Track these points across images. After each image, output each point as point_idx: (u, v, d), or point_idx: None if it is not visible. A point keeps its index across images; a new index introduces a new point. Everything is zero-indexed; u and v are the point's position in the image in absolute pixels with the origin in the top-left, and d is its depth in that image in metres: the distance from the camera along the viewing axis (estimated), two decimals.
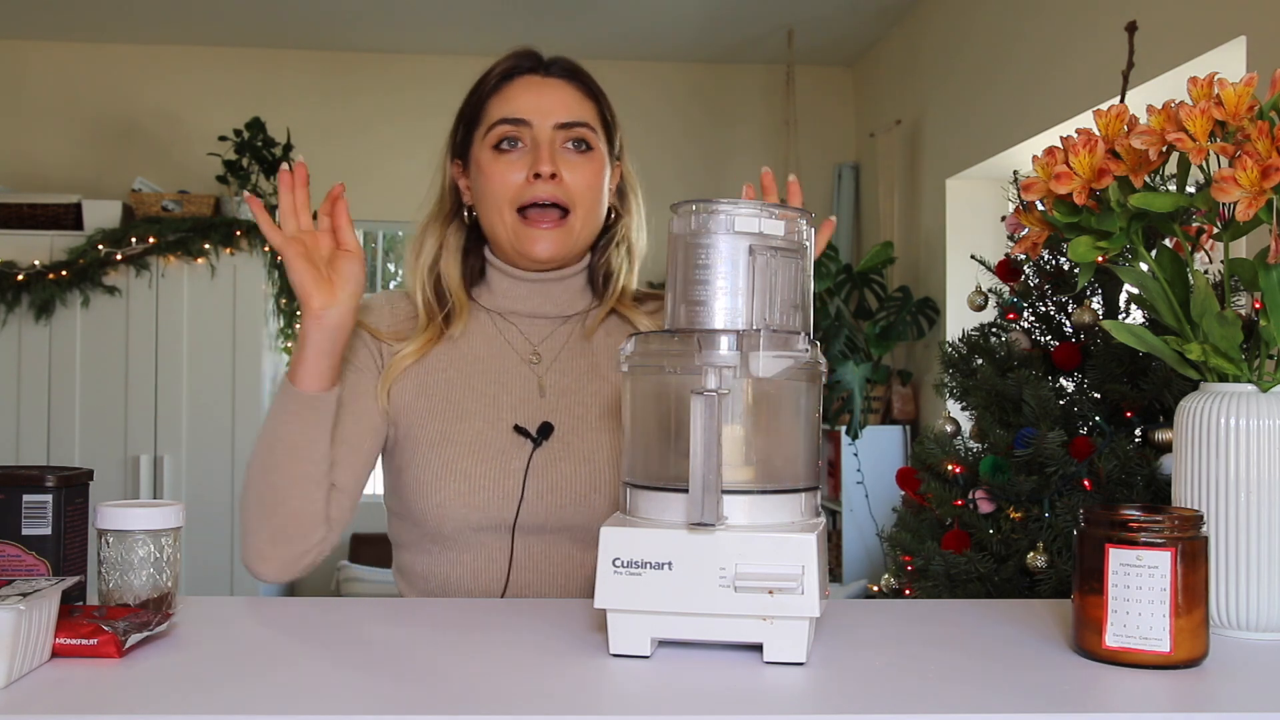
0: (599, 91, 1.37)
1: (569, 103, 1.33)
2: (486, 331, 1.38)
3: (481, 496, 1.28)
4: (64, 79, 5.13)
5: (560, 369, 1.36)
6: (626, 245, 1.41)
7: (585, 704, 0.80)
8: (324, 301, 1.19)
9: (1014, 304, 2.18)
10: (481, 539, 1.29)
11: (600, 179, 1.34)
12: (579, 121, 1.32)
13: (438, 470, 1.29)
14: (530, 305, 1.38)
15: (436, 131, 1.43)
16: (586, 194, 1.32)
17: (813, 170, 5.32)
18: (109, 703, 0.78)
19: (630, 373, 0.95)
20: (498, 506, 1.28)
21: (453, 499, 1.28)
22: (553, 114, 1.31)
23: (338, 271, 1.20)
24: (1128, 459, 1.87)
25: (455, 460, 1.29)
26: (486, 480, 1.28)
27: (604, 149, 1.35)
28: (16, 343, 4.47)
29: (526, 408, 1.33)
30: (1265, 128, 0.93)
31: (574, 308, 1.39)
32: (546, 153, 1.29)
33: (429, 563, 1.32)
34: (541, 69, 1.35)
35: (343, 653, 0.94)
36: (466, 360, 1.35)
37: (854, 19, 4.83)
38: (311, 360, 1.21)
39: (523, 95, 1.33)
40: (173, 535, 1.02)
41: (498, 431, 1.31)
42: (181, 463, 4.53)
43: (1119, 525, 0.90)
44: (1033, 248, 1.10)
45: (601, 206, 1.36)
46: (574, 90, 1.34)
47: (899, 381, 4.70)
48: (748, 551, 0.86)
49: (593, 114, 1.35)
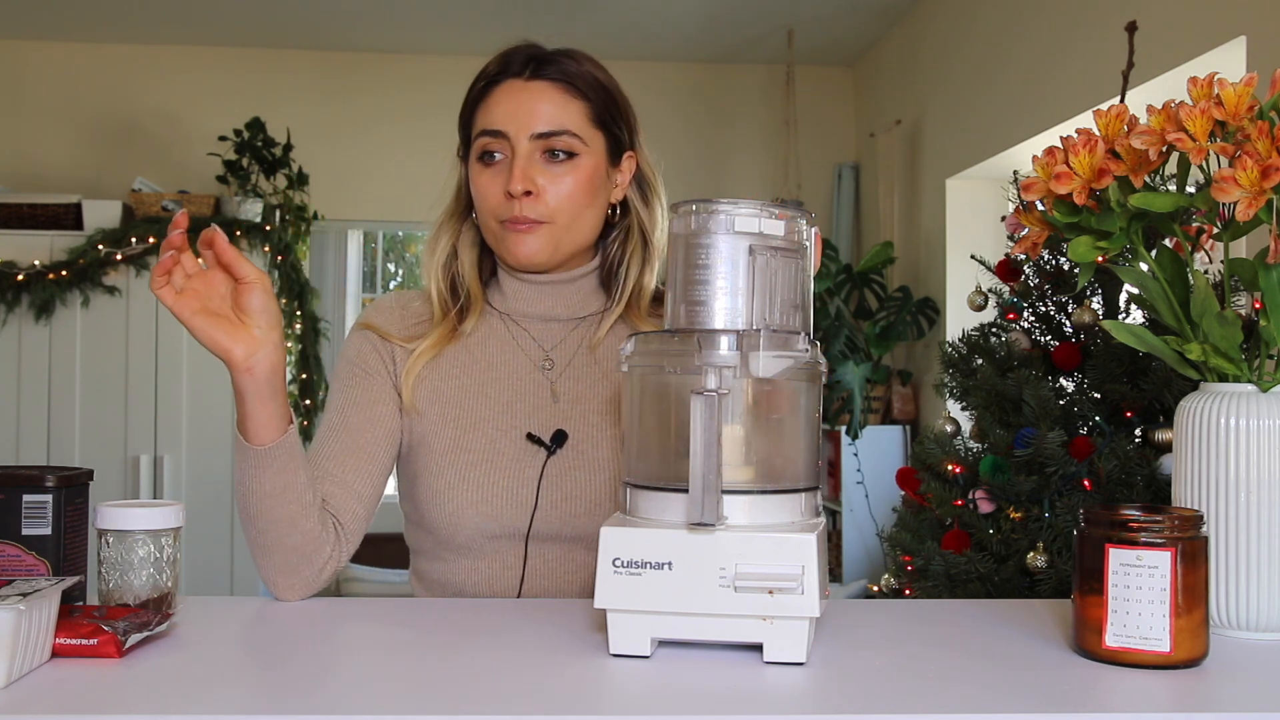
0: (594, 88, 1.31)
1: (549, 110, 1.27)
2: (499, 336, 1.36)
3: (495, 505, 1.27)
4: (64, 79, 5.13)
5: (573, 375, 1.34)
6: (640, 240, 1.36)
7: (585, 704, 0.80)
8: (247, 350, 1.09)
9: (1014, 304, 2.18)
10: (496, 546, 1.29)
11: (585, 185, 1.29)
12: (557, 130, 1.27)
13: (451, 479, 1.28)
14: (541, 308, 1.36)
15: (436, 131, 1.43)
16: (566, 205, 1.28)
17: (813, 170, 5.32)
18: (109, 703, 0.78)
19: (630, 373, 0.95)
20: (511, 515, 1.27)
21: (466, 508, 1.27)
22: (529, 124, 1.27)
23: (245, 310, 1.10)
24: (1128, 459, 1.87)
25: (469, 469, 1.28)
26: (500, 490, 1.27)
27: (597, 149, 1.31)
28: (16, 343, 4.47)
29: (540, 415, 1.31)
30: (1265, 128, 0.93)
31: (586, 309, 1.37)
32: (520, 169, 1.26)
33: (444, 570, 1.31)
34: (525, 72, 1.30)
35: (342, 653, 0.94)
36: (480, 366, 1.34)
37: (854, 19, 4.83)
38: (257, 412, 1.12)
39: (502, 104, 1.29)
40: (173, 535, 1.02)
41: (511, 440, 1.30)
42: (181, 463, 4.53)
43: (1119, 525, 0.90)
44: (1033, 248, 1.10)
45: (592, 211, 1.32)
46: (558, 93, 1.29)
47: (899, 381, 4.70)
48: (748, 551, 0.86)
49: (580, 116, 1.29)
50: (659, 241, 1.37)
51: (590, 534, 1.27)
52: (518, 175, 1.26)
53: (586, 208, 1.31)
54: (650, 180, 1.38)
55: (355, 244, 5.41)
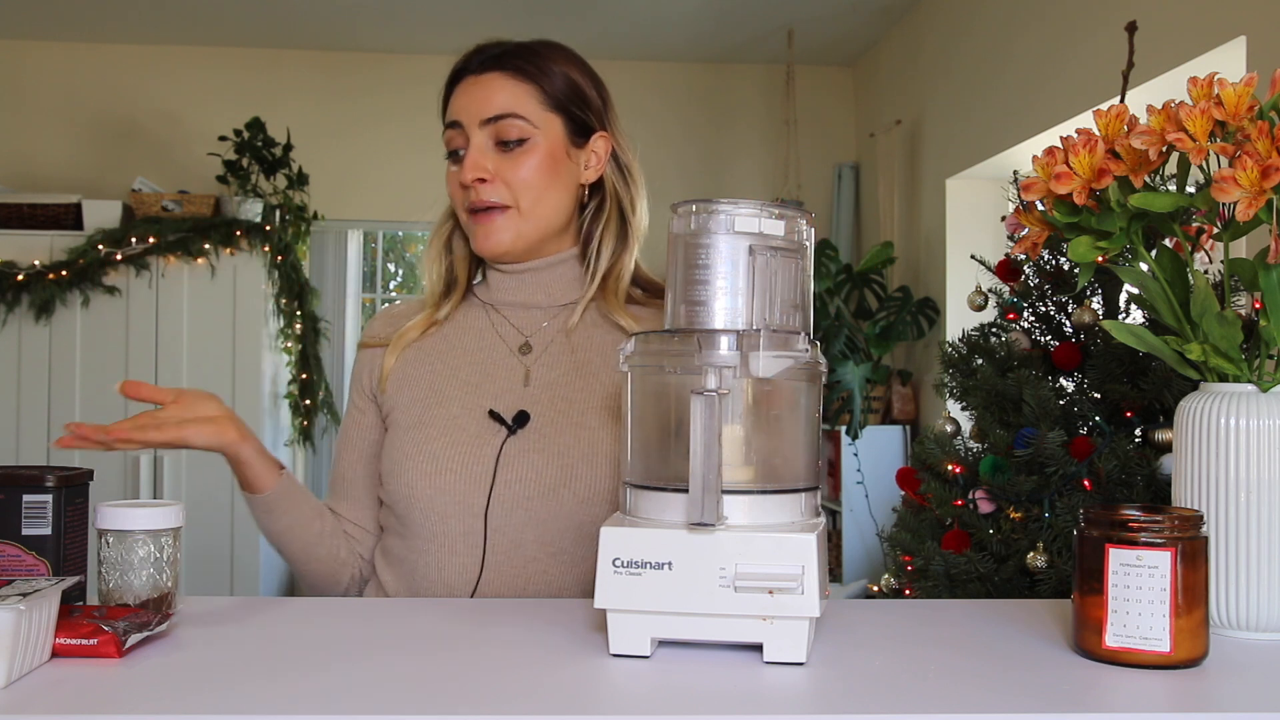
0: (547, 73, 1.32)
1: (496, 96, 1.30)
2: (479, 325, 1.39)
3: (448, 478, 1.27)
4: (64, 79, 5.13)
5: (549, 362, 1.35)
6: (619, 221, 1.37)
7: (585, 704, 0.80)
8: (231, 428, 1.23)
9: (1014, 304, 2.18)
10: (446, 528, 1.28)
11: (541, 168, 1.31)
12: (502, 114, 1.30)
13: (408, 450, 1.30)
14: (523, 295, 1.38)
15: (435, 132, 1.43)
16: (524, 188, 1.30)
17: (813, 170, 5.32)
18: (109, 703, 0.78)
19: (630, 372, 0.95)
20: (464, 490, 1.27)
21: (420, 479, 1.28)
22: (479, 112, 1.31)
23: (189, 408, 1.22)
24: (1128, 459, 1.87)
25: (426, 442, 1.30)
26: (455, 463, 1.28)
27: (553, 132, 1.32)
28: (16, 343, 4.47)
29: (508, 397, 1.32)
30: (1265, 128, 0.93)
31: (568, 296, 1.38)
32: (472, 158, 1.30)
33: (404, 548, 1.32)
34: (480, 66, 1.33)
35: (342, 652, 0.94)
36: (455, 352, 1.37)
37: (854, 19, 4.83)
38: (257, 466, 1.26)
39: (459, 98, 1.33)
40: (173, 535, 1.02)
41: (473, 417, 1.31)
42: (181, 463, 4.53)
43: (1119, 525, 0.90)
44: (1033, 248, 1.10)
45: (555, 192, 1.33)
46: (507, 80, 1.31)
47: (899, 381, 4.70)
48: (748, 551, 0.86)
49: (529, 99, 1.31)
50: (639, 223, 1.39)
51: (542, 519, 1.26)
52: (468, 164, 1.31)
53: (547, 189, 1.32)
54: (626, 160, 1.39)
55: (355, 244, 5.41)
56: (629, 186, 1.39)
